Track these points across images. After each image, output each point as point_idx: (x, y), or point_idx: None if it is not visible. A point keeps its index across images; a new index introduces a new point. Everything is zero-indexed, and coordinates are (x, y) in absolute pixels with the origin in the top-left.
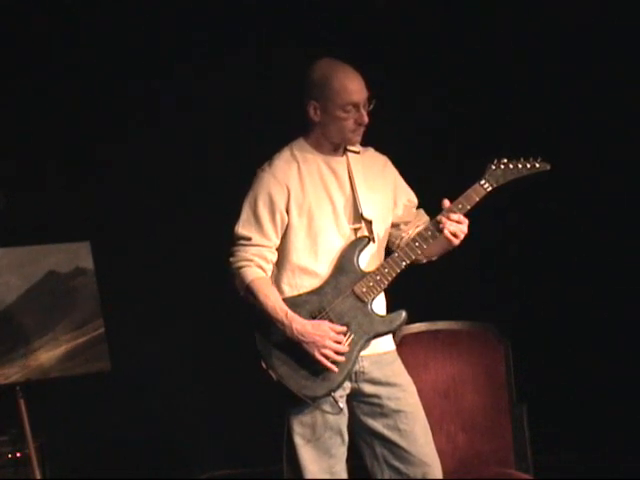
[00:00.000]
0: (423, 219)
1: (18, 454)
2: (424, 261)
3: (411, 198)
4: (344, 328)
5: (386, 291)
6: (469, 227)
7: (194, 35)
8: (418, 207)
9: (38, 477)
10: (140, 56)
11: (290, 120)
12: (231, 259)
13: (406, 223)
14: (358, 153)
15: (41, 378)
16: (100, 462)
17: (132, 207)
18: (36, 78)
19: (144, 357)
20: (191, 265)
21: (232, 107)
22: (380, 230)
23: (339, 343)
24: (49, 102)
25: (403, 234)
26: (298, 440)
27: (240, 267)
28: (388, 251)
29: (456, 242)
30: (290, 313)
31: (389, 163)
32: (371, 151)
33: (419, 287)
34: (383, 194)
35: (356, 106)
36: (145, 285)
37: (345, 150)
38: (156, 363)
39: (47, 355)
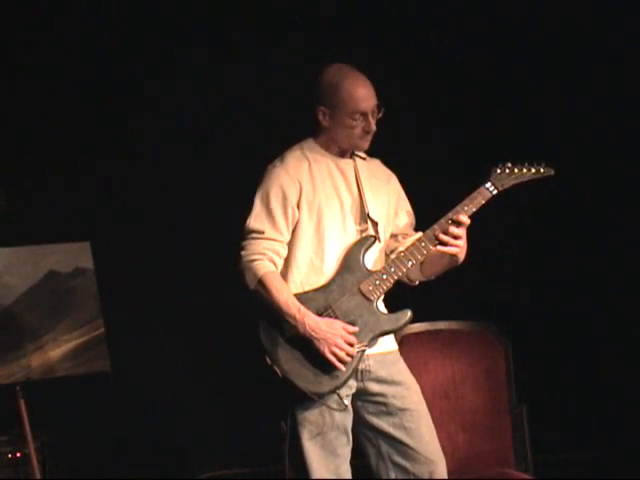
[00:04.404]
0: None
1: (18, 454)
2: (416, 283)
3: (411, 213)
4: (356, 329)
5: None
6: (469, 231)
7: (195, 34)
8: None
9: (38, 477)
10: (141, 55)
11: (291, 121)
12: (242, 253)
13: (404, 236)
14: (365, 159)
15: (41, 378)
16: (100, 462)
17: (132, 207)
18: (36, 78)
19: (144, 357)
20: (191, 265)
21: (232, 107)
22: (384, 232)
23: (350, 343)
24: (49, 102)
25: (400, 247)
26: (305, 436)
27: (252, 260)
28: None
29: (454, 250)
30: (303, 309)
31: (394, 177)
32: (377, 162)
33: (419, 287)
34: (386, 201)
35: (364, 114)
36: (145, 285)
37: (353, 154)
38: (156, 363)
39: (47, 355)
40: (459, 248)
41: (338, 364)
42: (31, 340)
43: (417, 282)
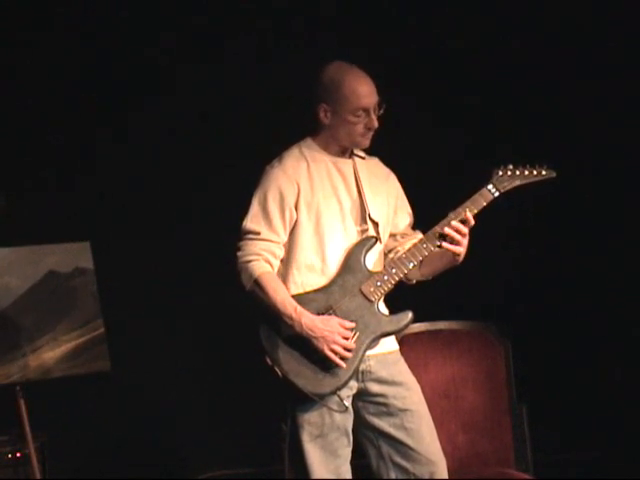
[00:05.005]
0: (419, 236)
1: (18, 454)
2: (413, 282)
3: (410, 213)
4: (353, 324)
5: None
6: (470, 232)
7: (195, 34)
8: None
9: (38, 477)
10: (141, 55)
11: (290, 121)
12: (239, 253)
13: (402, 236)
14: (363, 159)
15: (41, 378)
16: (100, 462)
17: (132, 207)
18: (36, 77)
19: (144, 357)
20: (191, 265)
21: (232, 107)
22: (384, 233)
23: (347, 339)
24: (49, 102)
25: (399, 247)
26: (305, 437)
27: (248, 261)
28: None
29: (458, 249)
30: (299, 308)
31: (393, 176)
32: (376, 160)
33: (419, 287)
34: (385, 200)
35: (366, 111)
36: (145, 285)
37: (352, 153)
38: (156, 363)
39: (47, 355)
40: (462, 247)
41: (338, 361)
42: (31, 340)
43: (414, 281)
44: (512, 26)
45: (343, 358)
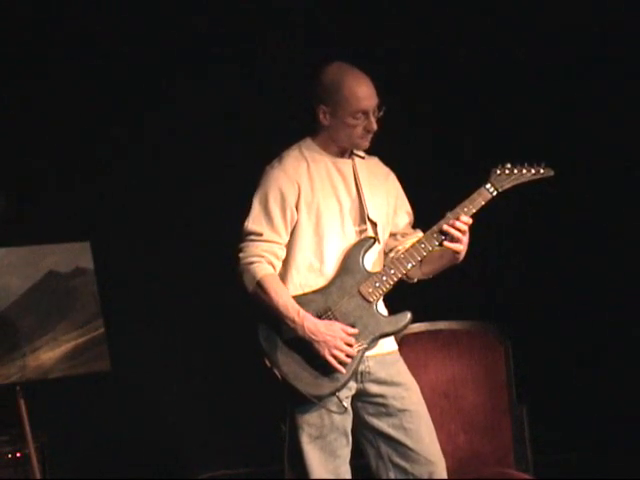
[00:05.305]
0: (420, 235)
1: (18, 454)
2: (414, 280)
3: (410, 212)
4: (356, 330)
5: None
6: (470, 231)
7: (195, 34)
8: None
9: (38, 477)
10: (141, 56)
11: (290, 121)
12: (241, 255)
13: (403, 235)
14: (363, 158)
15: (41, 378)
16: (100, 462)
17: (132, 207)
18: (36, 77)
19: (144, 357)
20: (191, 265)
21: (232, 107)
22: (383, 233)
23: (349, 345)
24: (49, 102)
25: (399, 246)
26: (304, 439)
27: (250, 263)
28: None
29: (458, 247)
30: (302, 311)
31: (392, 175)
32: (376, 159)
33: (419, 287)
34: (385, 200)
35: (366, 113)
36: (145, 285)
37: (351, 154)
38: (156, 363)
39: (47, 355)
40: (462, 244)
41: (338, 366)
42: (31, 340)
43: (415, 280)
44: (512, 26)
45: (343, 363)
